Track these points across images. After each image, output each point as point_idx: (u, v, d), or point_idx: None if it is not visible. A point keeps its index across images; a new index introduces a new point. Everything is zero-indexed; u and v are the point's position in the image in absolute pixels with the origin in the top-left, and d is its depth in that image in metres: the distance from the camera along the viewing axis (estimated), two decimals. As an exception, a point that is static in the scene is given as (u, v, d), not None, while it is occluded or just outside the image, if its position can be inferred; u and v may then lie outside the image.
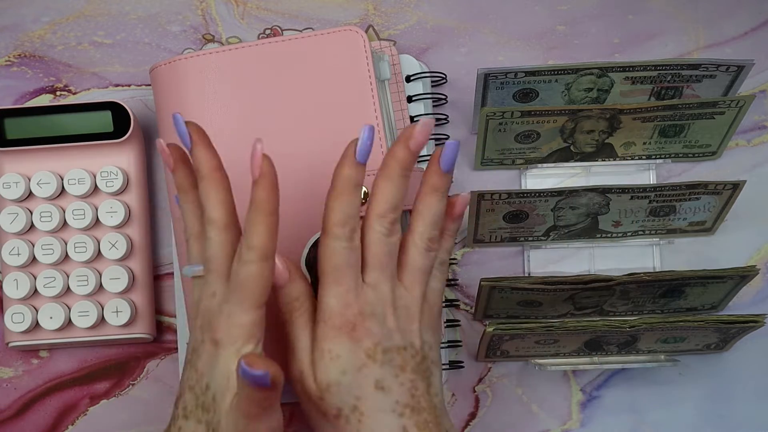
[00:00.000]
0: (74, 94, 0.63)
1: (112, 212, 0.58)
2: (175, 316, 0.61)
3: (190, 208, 0.49)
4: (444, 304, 0.59)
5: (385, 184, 0.48)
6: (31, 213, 0.59)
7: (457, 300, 0.61)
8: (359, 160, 0.46)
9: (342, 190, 0.47)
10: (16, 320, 0.57)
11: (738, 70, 0.57)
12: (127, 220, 0.59)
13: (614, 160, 0.61)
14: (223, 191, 0.47)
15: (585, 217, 0.58)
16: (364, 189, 0.53)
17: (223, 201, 0.47)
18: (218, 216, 0.47)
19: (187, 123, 0.48)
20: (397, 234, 0.48)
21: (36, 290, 0.58)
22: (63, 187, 0.59)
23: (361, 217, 0.49)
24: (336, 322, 0.47)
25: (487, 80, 0.57)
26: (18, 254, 0.58)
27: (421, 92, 0.60)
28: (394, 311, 0.48)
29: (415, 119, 0.60)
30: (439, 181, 0.49)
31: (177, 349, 0.60)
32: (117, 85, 0.63)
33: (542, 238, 0.60)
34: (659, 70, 0.57)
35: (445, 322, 0.59)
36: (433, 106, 0.61)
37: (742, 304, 0.61)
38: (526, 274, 0.61)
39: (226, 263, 0.46)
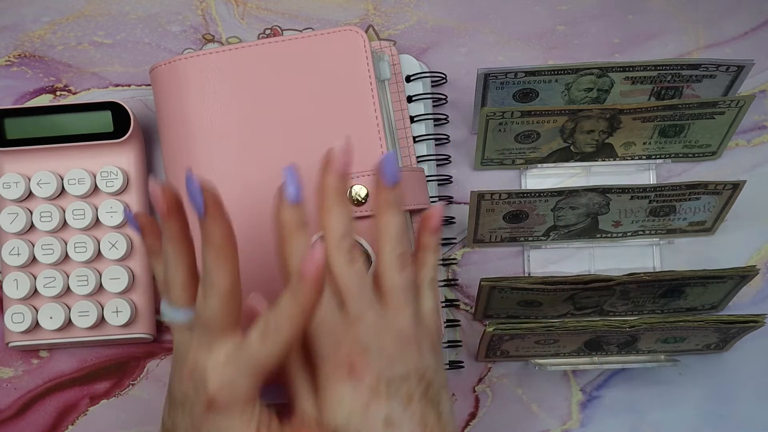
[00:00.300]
0: (74, 94, 0.63)
1: (112, 212, 0.58)
2: (175, 316, 0.61)
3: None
4: (444, 304, 0.59)
5: (326, 216, 0.46)
6: (31, 213, 0.59)
7: (457, 300, 0.61)
8: (293, 201, 0.45)
9: (288, 235, 0.45)
10: (16, 320, 0.57)
11: (738, 70, 0.57)
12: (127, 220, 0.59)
13: (614, 160, 0.61)
14: (233, 261, 0.44)
15: (585, 217, 0.58)
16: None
17: (232, 271, 0.44)
18: (225, 284, 0.43)
19: (203, 189, 0.43)
20: (359, 259, 0.46)
21: (36, 290, 0.58)
22: (63, 187, 0.59)
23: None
24: (330, 366, 0.45)
25: (487, 80, 0.57)
26: (18, 254, 0.58)
27: (421, 92, 0.60)
28: (388, 338, 0.45)
29: (415, 119, 0.60)
30: (389, 196, 0.47)
31: (177, 349, 0.60)
32: (117, 85, 0.63)
33: (542, 238, 0.60)
34: (659, 70, 0.57)
35: (445, 322, 0.59)
36: (433, 106, 0.61)
37: (742, 304, 0.61)
38: (526, 274, 0.61)
39: (228, 324, 0.44)
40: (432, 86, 0.62)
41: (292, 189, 0.45)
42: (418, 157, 0.59)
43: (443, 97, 0.61)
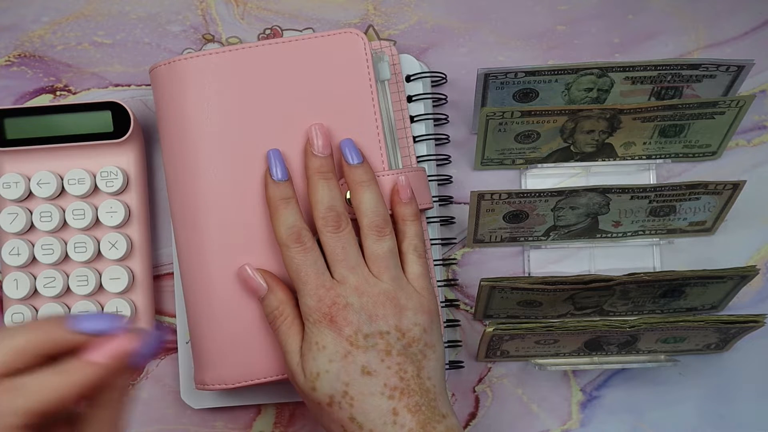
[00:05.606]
0: (74, 94, 0.63)
1: (112, 212, 0.58)
2: (175, 316, 0.61)
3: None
4: (444, 304, 0.59)
5: (312, 192, 0.52)
6: (31, 213, 0.59)
7: (457, 300, 0.61)
8: (277, 179, 0.52)
9: (275, 208, 0.52)
10: (16, 320, 0.57)
11: (738, 70, 0.57)
12: (127, 220, 0.59)
13: (614, 160, 0.61)
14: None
15: (585, 217, 0.58)
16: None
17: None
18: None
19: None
20: (345, 228, 0.52)
21: (36, 290, 0.58)
22: (63, 187, 0.59)
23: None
24: (315, 316, 0.50)
25: (487, 80, 0.57)
26: (18, 254, 0.58)
27: (421, 92, 0.60)
28: (368, 298, 0.50)
29: (415, 119, 0.60)
30: (356, 174, 0.53)
31: (177, 349, 0.60)
32: (117, 85, 0.63)
33: (542, 238, 0.60)
34: (659, 70, 0.57)
35: (445, 322, 0.59)
36: (433, 106, 0.61)
37: (742, 304, 0.61)
38: (526, 274, 0.61)
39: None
40: (432, 86, 0.62)
41: (275, 168, 0.53)
42: (418, 157, 0.59)
43: (443, 97, 0.61)
